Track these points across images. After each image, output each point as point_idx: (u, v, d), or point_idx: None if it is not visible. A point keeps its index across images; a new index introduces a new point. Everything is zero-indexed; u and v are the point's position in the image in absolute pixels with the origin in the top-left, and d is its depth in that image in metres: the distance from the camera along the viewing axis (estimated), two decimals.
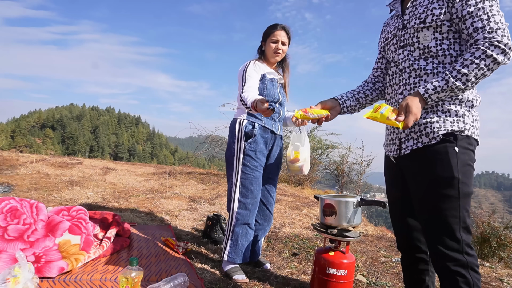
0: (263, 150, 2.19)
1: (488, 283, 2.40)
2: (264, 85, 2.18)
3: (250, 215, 2.15)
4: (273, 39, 2.19)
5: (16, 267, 1.55)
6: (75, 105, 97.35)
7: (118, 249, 2.26)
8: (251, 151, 2.13)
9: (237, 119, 2.19)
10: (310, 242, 2.97)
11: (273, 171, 2.33)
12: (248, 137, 2.14)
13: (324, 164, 8.28)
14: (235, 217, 2.14)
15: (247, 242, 2.18)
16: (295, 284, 2.07)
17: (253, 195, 2.15)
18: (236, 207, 2.14)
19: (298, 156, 2.14)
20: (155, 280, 1.91)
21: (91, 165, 6.33)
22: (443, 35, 1.32)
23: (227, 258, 2.15)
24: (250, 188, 2.14)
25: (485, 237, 4.14)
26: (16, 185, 4.19)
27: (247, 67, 2.17)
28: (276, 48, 2.19)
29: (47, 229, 2.00)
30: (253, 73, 2.15)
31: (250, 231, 2.19)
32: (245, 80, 2.12)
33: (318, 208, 3.29)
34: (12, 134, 60.55)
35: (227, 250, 2.16)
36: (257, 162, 2.16)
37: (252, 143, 2.14)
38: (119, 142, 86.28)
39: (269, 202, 2.34)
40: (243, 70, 2.17)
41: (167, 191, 4.68)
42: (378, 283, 2.20)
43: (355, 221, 1.86)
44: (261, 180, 2.20)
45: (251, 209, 2.15)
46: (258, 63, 2.22)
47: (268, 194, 2.33)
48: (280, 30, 2.19)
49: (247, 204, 2.13)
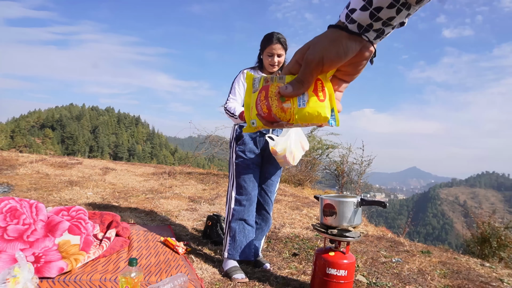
0: (253, 149, 2.28)
1: (488, 283, 2.40)
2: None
3: (245, 211, 2.22)
4: (269, 53, 2.26)
5: (16, 267, 1.54)
6: (74, 105, 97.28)
7: (117, 249, 2.25)
8: (241, 152, 2.27)
9: (233, 126, 2.39)
10: (310, 242, 2.96)
11: (271, 171, 2.36)
12: (238, 139, 2.29)
13: (324, 164, 8.28)
14: (231, 213, 2.23)
15: (246, 239, 2.22)
16: (295, 284, 2.07)
17: (247, 192, 2.24)
18: (232, 204, 2.24)
19: (273, 148, 2.17)
20: (155, 280, 1.91)
21: (91, 165, 6.32)
22: None
23: (227, 255, 2.20)
24: (244, 185, 2.24)
25: (486, 237, 4.13)
26: (15, 185, 4.18)
27: (235, 79, 2.33)
28: (272, 61, 2.27)
29: (46, 229, 1.99)
30: (240, 85, 2.30)
31: (248, 227, 2.24)
32: (231, 90, 2.30)
33: (318, 208, 3.28)
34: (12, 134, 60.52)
35: (226, 247, 2.22)
36: (249, 160, 2.26)
37: (241, 144, 2.28)
38: (119, 142, 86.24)
39: (267, 202, 2.36)
40: (232, 81, 2.34)
41: (167, 191, 4.67)
42: (378, 283, 2.20)
43: (355, 221, 1.85)
44: (255, 178, 2.28)
45: (246, 205, 2.23)
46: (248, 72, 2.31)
47: (265, 195, 2.35)
48: (276, 44, 2.22)
49: (241, 200, 2.23)
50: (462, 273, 2.56)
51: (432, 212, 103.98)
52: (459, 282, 2.35)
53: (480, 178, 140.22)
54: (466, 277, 2.48)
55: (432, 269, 2.58)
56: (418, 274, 2.46)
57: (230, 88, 2.32)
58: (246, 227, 2.23)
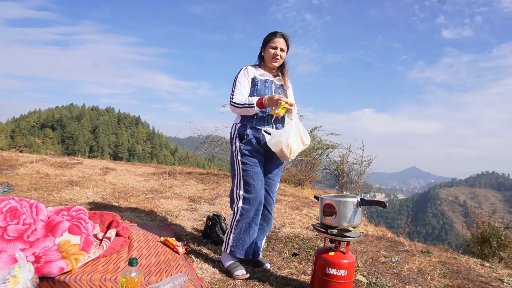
0: (258, 149, 2.26)
1: (488, 283, 2.40)
2: (255, 86, 2.29)
3: (253, 210, 2.20)
4: (272, 45, 2.29)
5: (16, 267, 1.55)
6: (75, 105, 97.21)
7: (118, 249, 2.25)
8: (247, 150, 2.23)
9: (234, 125, 2.34)
10: (310, 242, 2.97)
11: (273, 171, 2.35)
12: (242, 138, 2.25)
13: (324, 164, 8.28)
14: (240, 212, 2.19)
15: (250, 239, 2.22)
16: (295, 284, 2.07)
17: (256, 190, 2.20)
18: (241, 202, 2.20)
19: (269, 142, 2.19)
20: (155, 280, 1.91)
21: (91, 165, 6.32)
22: None
23: (229, 250, 2.19)
24: (252, 183, 2.20)
25: (485, 237, 4.13)
26: (16, 185, 4.18)
27: (238, 74, 2.31)
28: (274, 54, 2.29)
29: (47, 229, 1.99)
30: (244, 80, 2.29)
31: (254, 228, 2.23)
32: (236, 86, 2.28)
33: (318, 208, 3.28)
34: (12, 134, 60.49)
35: (230, 243, 2.20)
36: (255, 158, 2.24)
37: (246, 143, 2.24)
38: (119, 142, 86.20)
39: (269, 202, 2.35)
40: (235, 76, 2.31)
41: (167, 191, 4.68)
42: (378, 283, 2.20)
43: (355, 221, 1.86)
44: (262, 176, 2.27)
45: (254, 204, 2.20)
46: (250, 68, 2.34)
47: (268, 195, 2.34)
48: (280, 38, 2.29)
49: (251, 199, 2.19)
50: (462, 273, 2.57)
51: (432, 212, 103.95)
52: (459, 282, 2.35)
53: (480, 178, 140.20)
54: (466, 277, 2.48)
55: (432, 269, 2.59)
56: (418, 274, 2.46)
57: (233, 85, 2.29)
58: (252, 227, 2.22)
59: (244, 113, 2.23)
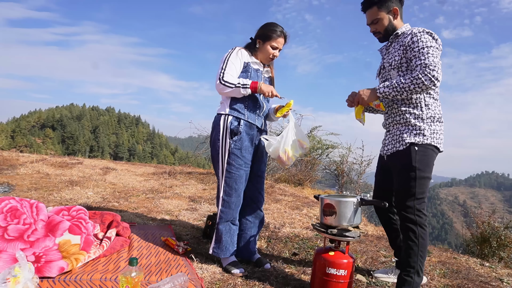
0: (248, 147, 2.17)
1: (488, 283, 2.40)
2: (248, 73, 2.14)
3: (233, 213, 2.20)
4: (274, 45, 2.18)
5: (16, 267, 1.55)
6: (75, 105, 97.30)
7: (118, 249, 2.26)
8: (237, 149, 2.12)
9: (222, 115, 2.15)
10: (310, 242, 2.97)
11: (261, 168, 2.34)
12: (234, 134, 2.10)
13: (324, 164, 8.28)
14: (219, 215, 2.19)
15: (232, 237, 2.23)
16: (295, 284, 2.07)
17: (237, 194, 2.17)
18: (220, 205, 2.18)
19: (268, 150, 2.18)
20: (155, 280, 1.91)
21: (91, 165, 6.33)
22: (404, 72, 1.95)
23: (212, 252, 2.23)
24: (234, 187, 2.15)
25: (485, 237, 4.13)
26: (16, 185, 4.19)
27: (230, 53, 2.11)
28: (273, 55, 2.21)
29: (47, 229, 2.00)
30: (236, 61, 2.11)
31: (233, 227, 2.24)
32: (226, 64, 2.06)
33: (318, 208, 3.29)
34: (12, 134, 60.55)
35: (212, 245, 2.23)
36: (242, 160, 2.14)
37: (237, 141, 2.11)
38: (119, 142, 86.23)
39: (258, 199, 2.35)
40: (226, 55, 2.11)
41: (167, 191, 4.68)
42: (378, 283, 2.20)
43: (355, 221, 1.86)
44: (246, 178, 2.22)
45: (233, 208, 2.18)
46: (244, 51, 2.17)
47: (256, 191, 2.34)
48: (282, 38, 2.20)
49: (230, 202, 2.16)
50: (461, 272, 2.57)
51: (432, 212, 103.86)
52: (458, 281, 2.35)
53: (479, 178, 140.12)
54: (465, 276, 2.48)
55: (432, 269, 2.59)
56: None
57: (223, 62, 2.07)
58: (232, 227, 2.23)
59: (232, 94, 2.07)
